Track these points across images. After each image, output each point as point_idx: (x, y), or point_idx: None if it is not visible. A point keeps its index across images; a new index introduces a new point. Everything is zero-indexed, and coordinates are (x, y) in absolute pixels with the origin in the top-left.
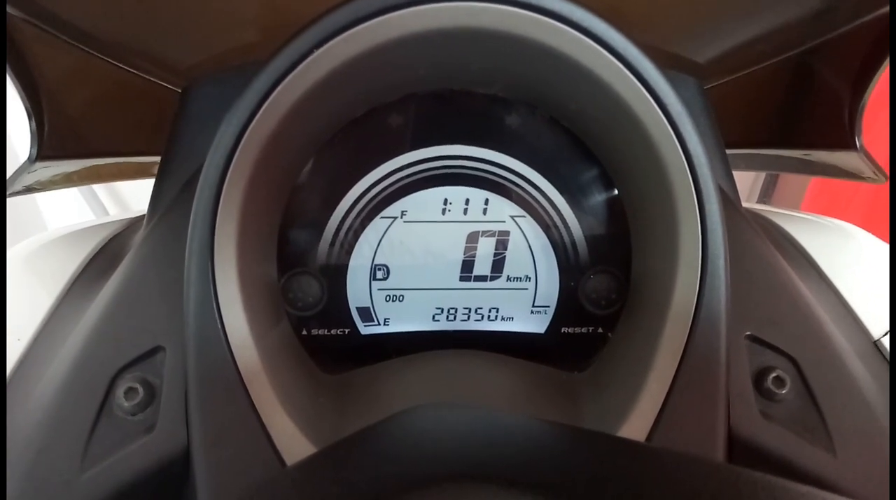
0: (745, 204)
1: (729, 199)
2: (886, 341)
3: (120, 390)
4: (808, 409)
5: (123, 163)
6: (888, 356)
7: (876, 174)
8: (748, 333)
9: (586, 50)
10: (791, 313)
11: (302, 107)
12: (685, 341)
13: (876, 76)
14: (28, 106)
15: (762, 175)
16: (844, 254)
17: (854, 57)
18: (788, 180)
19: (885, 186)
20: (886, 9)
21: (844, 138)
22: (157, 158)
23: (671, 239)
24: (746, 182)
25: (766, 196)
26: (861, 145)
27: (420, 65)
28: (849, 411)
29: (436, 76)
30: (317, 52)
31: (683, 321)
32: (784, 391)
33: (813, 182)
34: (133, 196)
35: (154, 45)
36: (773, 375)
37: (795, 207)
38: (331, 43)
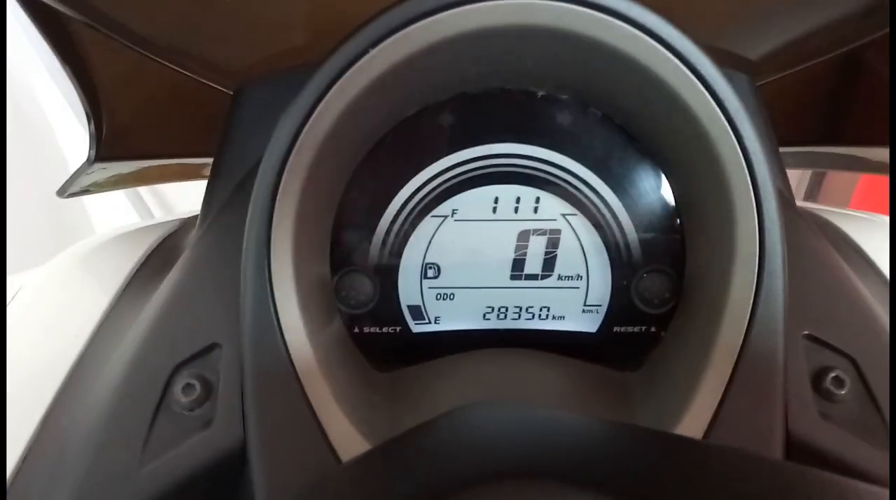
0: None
1: (785, 197)
2: None
3: (178, 387)
4: (868, 410)
5: (175, 164)
6: None
7: None
8: (806, 332)
9: (642, 46)
10: (849, 312)
11: (356, 107)
12: (742, 340)
13: None
14: (87, 108)
15: (807, 174)
16: None
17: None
18: (835, 179)
19: None
20: None
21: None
22: (208, 160)
23: (727, 238)
24: (791, 181)
25: (812, 195)
26: None
27: (472, 63)
28: None
29: (487, 75)
30: (371, 52)
31: (740, 321)
32: (843, 392)
33: (861, 181)
34: (177, 199)
35: (206, 47)
36: (832, 375)
37: (844, 205)
38: (385, 42)
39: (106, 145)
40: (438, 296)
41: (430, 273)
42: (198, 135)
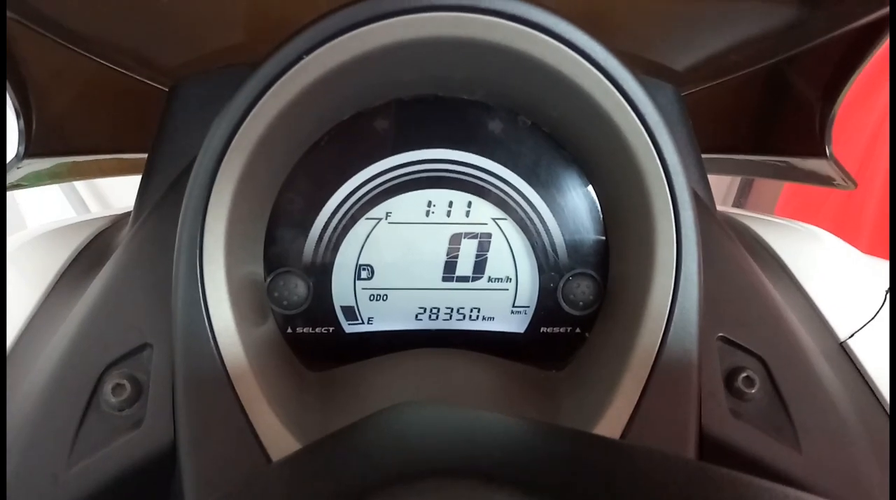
0: (718, 208)
1: (703, 204)
2: (853, 343)
3: (108, 387)
4: (775, 408)
5: (109, 160)
6: (854, 358)
7: (845, 181)
8: (720, 334)
9: (567, 60)
10: (761, 316)
11: (289, 112)
12: (659, 342)
13: (846, 86)
14: (16, 104)
15: (737, 180)
16: (813, 258)
17: (826, 67)
18: (762, 185)
19: (857, 193)
20: (857, 23)
21: (815, 146)
22: (143, 155)
23: (647, 244)
24: (721, 187)
25: (740, 200)
26: (831, 153)
27: (405, 72)
28: (814, 410)
29: (420, 82)
30: (305, 59)
31: (658, 323)
32: (753, 391)
33: (786, 188)
34: (113, 193)
35: (142, 44)
36: (744, 375)
37: (769, 211)
38: (318, 50)
39: (37, 141)
40: (372, 297)
41: (364, 274)
42: (134, 129)
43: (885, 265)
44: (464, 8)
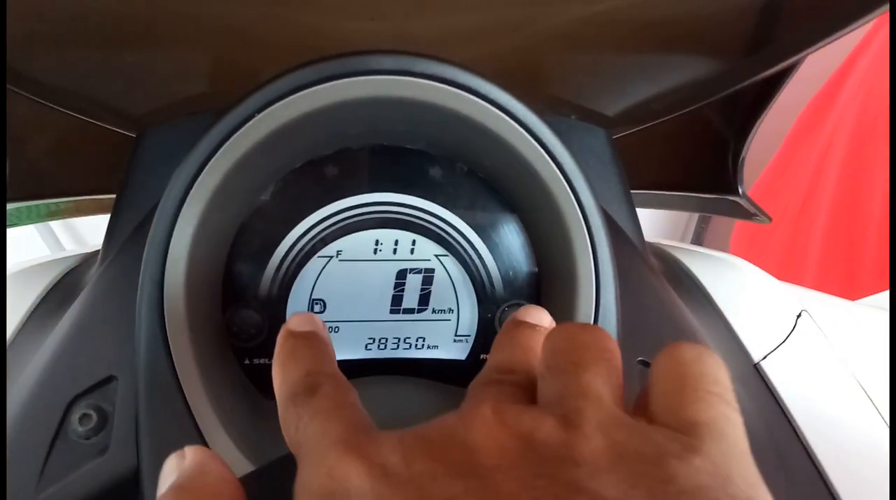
0: (666, 241)
1: (627, 238)
2: (765, 365)
3: (75, 416)
4: None
5: (83, 201)
6: (766, 378)
7: (761, 216)
8: (640, 358)
9: (492, 117)
10: (678, 340)
11: (244, 163)
12: None
13: (754, 128)
14: None
15: (695, 217)
16: (732, 285)
17: (737, 111)
18: (718, 224)
19: (803, 228)
20: (769, 71)
21: (729, 184)
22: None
23: (571, 277)
24: (680, 224)
25: (699, 236)
26: (743, 192)
27: (351, 126)
28: None
29: (366, 134)
30: (257, 117)
31: None
32: None
33: (737, 224)
34: (88, 231)
35: (110, 96)
36: None
37: (725, 244)
38: (269, 109)
39: (12, 188)
40: None
41: (317, 308)
42: (108, 172)
43: (797, 290)
44: (400, 72)
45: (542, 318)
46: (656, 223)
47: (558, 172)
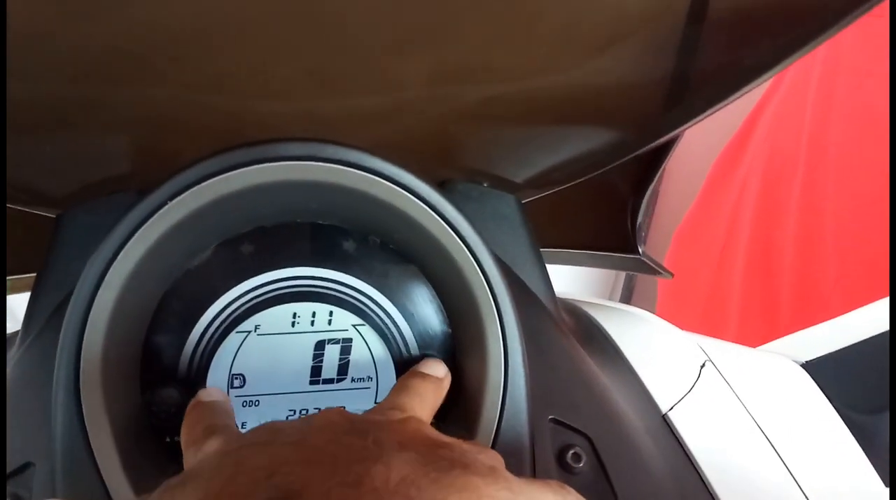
0: (571, 297)
1: (538, 300)
2: (672, 415)
3: None
4: (600, 480)
5: (13, 279)
6: (673, 428)
7: (662, 272)
8: (552, 416)
9: (397, 195)
10: (587, 399)
11: (157, 248)
12: (495, 428)
13: (648, 192)
14: None
15: (622, 277)
16: (640, 338)
17: (633, 175)
18: (645, 281)
19: (723, 280)
20: (660, 141)
21: (630, 243)
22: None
23: (480, 343)
24: (611, 279)
25: (629, 289)
26: (643, 252)
27: (264, 206)
28: (634, 481)
29: (279, 213)
30: (169, 204)
31: (493, 409)
32: (581, 465)
33: (660, 282)
34: (20, 306)
35: (28, 179)
36: (572, 451)
37: (652, 301)
38: (181, 197)
39: None
40: (245, 403)
41: (237, 383)
42: (33, 250)
43: (701, 340)
44: (308, 157)
45: (437, 369)
46: (586, 281)
47: (461, 242)
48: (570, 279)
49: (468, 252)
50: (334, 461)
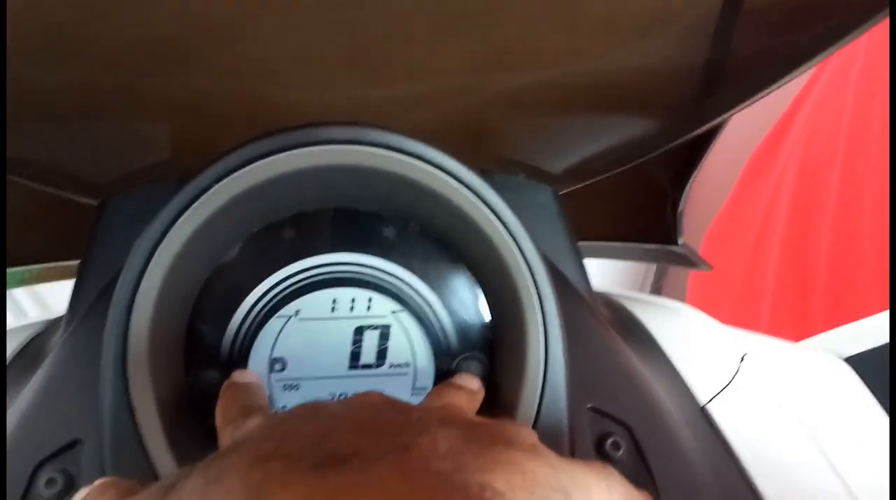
0: (621, 291)
1: (576, 291)
2: (711, 407)
3: (41, 481)
4: (639, 469)
5: (50, 267)
6: (712, 420)
7: (701, 265)
8: (590, 405)
9: (439, 180)
10: (626, 388)
11: (204, 229)
12: (535, 416)
13: (689, 182)
14: None
15: (652, 269)
16: (678, 331)
17: (674, 165)
18: (676, 270)
19: (756, 275)
20: (701, 129)
21: (669, 234)
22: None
23: (521, 331)
24: (640, 273)
25: (658, 284)
26: (682, 241)
27: (306, 191)
28: (673, 471)
29: (320, 199)
30: (214, 188)
31: (533, 398)
32: (619, 453)
33: (691, 274)
34: (52, 296)
35: (69, 165)
36: (611, 440)
37: (683, 290)
38: (226, 180)
39: None
40: (285, 387)
41: (277, 367)
42: (71, 238)
43: (740, 333)
44: (352, 141)
45: (471, 382)
46: (616, 275)
47: (503, 230)
48: (598, 273)
49: (511, 239)
50: (380, 429)
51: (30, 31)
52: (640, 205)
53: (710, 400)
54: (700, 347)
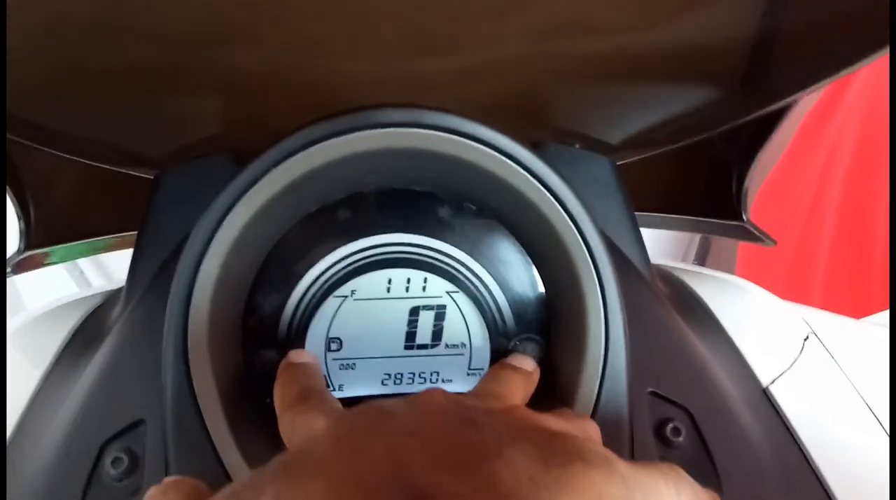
0: (670, 263)
1: (634, 267)
2: (774, 389)
3: (107, 460)
4: (700, 454)
5: (111, 238)
6: (775, 402)
7: (765, 240)
8: (650, 389)
9: (496, 162)
10: (686, 371)
11: (261, 213)
12: (595, 398)
13: (757, 157)
14: (17, 208)
15: (696, 238)
16: (739, 308)
17: (741, 140)
18: (721, 240)
19: (808, 248)
20: (766, 110)
21: (733, 210)
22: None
23: (579, 314)
24: (683, 242)
25: (703, 254)
26: (748, 219)
27: (364, 173)
28: (735, 456)
29: (378, 180)
30: (274, 171)
31: (593, 382)
32: (680, 439)
33: (741, 246)
34: (114, 265)
35: (125, 141)
36: (671, 425)
37: (728, 261)
38: (283, 164)
39: (35, 236)
40: (341, 366)
41: (334, 346)
42: (129, 209)
43: (804, 311)
44: (410, 124)
45: (526, 363)
46: (658, 242)
47: (561, 209)
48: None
49: (569, 219)
50: (457, 457)
51: (86, 13)
52: (700, 178)
53: (773, 382)
54: (762, 326)
